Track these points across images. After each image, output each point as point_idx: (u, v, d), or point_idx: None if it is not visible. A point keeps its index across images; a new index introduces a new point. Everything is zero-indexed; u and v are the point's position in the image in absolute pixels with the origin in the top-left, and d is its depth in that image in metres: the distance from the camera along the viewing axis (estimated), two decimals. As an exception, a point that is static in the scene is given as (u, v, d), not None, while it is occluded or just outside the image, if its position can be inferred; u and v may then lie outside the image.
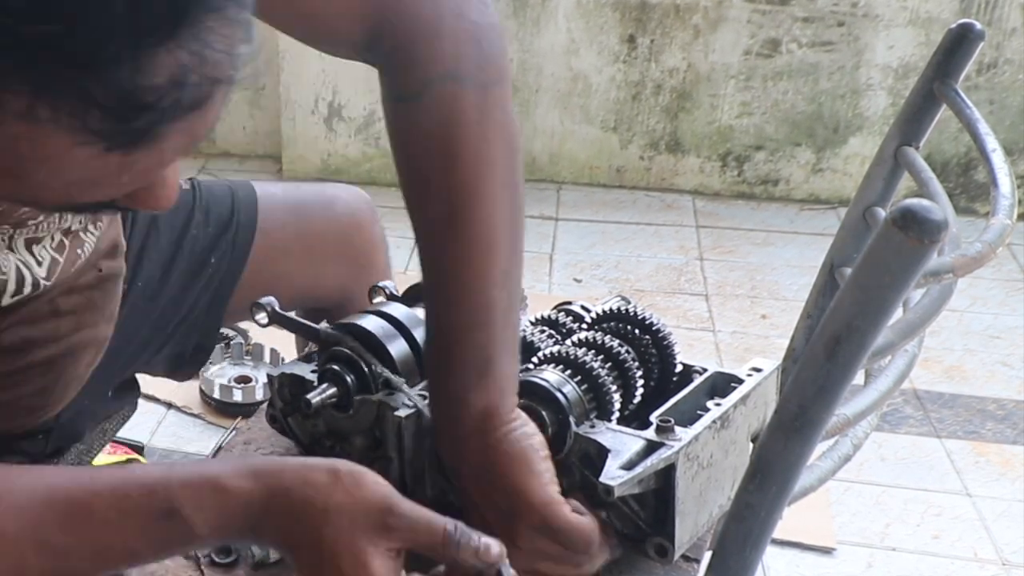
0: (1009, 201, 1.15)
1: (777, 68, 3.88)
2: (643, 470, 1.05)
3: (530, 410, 1.11)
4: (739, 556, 1.06)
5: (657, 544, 1.10)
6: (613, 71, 3.97)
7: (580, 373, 1.15)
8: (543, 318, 1.33)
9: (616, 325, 1.25)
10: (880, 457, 2.66)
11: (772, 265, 3.61)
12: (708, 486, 1.12)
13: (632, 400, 1.21)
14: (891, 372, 1.19)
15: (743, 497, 1.04)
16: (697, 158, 4.05)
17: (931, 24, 3.73)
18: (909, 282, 0.87)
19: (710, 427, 1.11)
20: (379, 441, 1.23)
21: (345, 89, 3.98)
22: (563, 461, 1.12)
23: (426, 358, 1.15)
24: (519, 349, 1.11)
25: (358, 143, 4.05)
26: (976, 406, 2.88)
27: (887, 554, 2.38)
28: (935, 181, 1.33)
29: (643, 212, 3.96)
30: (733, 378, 1.21)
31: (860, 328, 0.90)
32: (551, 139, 4.09)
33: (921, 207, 0.84)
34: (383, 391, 1.21)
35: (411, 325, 1.24)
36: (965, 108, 1.33)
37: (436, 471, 1.21)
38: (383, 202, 1.70)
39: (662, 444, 1.08)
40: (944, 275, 1.00)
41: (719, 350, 3.09)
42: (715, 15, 3.84)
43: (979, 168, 3.81)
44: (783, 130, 3.96)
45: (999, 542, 2.41)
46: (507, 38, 3.87)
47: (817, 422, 0.97)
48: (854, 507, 2.51)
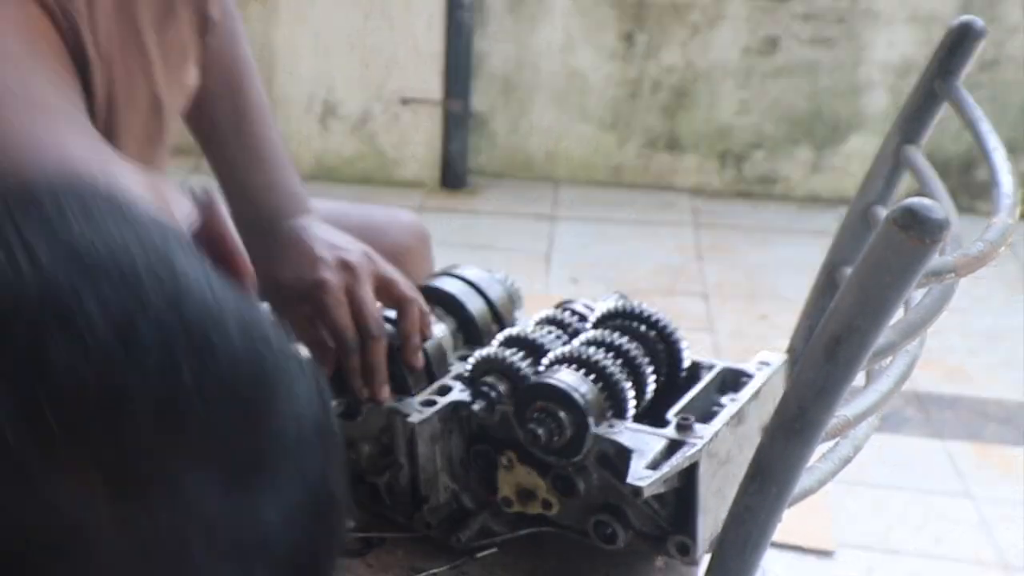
0: (1011, 200, 1.14)
1: (776, 66, 3.87)
2: (669, 469, 1.06)
3: (547, 411, 1.11)
4: (738, 559, 1.05)
5: (679, 542, 1.11)
6: (610, 69, 3.95)
7: (594, 372, 1.15)
8: (547, 318, 1.32)
9: (622, 322, 1.25)
10: (881, 459, 2.63)
11: (771, 265, 3.60)
12: (726, 482, 1.12)
13: (644, 398, 1.20)
14: (892, 373, 1.17)
15: (742, 499, 1.03)
16: (695, 157, 4.04)
17: (932, 21, 3.72)
18: (910, 282, 0.86)
19: (728, 423, 1.12)
20: (388, 448, 1.23)
21: (339, 87, 3.97)
22: (579, 462, 1.12)
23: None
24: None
25: (352, 141, 4.04)
26: (978, 407, 2.87)
27: (888, 557, 2.36)
28: (936, 180, 1.32)
29: (641, 211, 3.95)
30: (743, 373, 1.21)
31: (860, 328, 0.89)
32: (547, 137, 4.08)
33: (922, 206, 0.83)
34: (392, 397, 1.21)
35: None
36: (967, 106, 1.32)
37: (448, 476, 1.22)
38: (378, 201, 1.69)
39: (684, 442, 1.08)
40: (946, 275, 0.98)
41: (718, 351, 3.08)
42: (713, 12, 3.83)
43: (981, 167, 3.79)
44: (782, 128, 3.95)
45: (1001, 545, 2.39)
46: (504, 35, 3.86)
47: (817, 423, 0.96)
48: (854, 509, 2.49)
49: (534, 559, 1.24)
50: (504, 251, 3.64)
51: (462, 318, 1.34)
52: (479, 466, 1.23)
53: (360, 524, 1.28)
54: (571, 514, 1.18)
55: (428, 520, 1.24)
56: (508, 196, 4.04)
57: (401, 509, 1.26)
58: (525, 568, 1.23)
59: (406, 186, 4.04)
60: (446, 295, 1.34)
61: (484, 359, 1.21)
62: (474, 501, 1.25)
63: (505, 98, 4.06)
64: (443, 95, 3.92)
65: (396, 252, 1.58)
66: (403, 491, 1.24)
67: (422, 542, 1.25)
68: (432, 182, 4.05)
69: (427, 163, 4.03)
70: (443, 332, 1.31)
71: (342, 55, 3.92)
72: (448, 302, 1.34)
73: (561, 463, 1.15)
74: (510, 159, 4.15)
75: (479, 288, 1.36)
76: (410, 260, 1.58)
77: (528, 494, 1.19)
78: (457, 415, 1.22)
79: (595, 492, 1.15)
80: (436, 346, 1.27)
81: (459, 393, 1.23)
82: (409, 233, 1.61)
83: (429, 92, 3.93)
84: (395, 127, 3.99)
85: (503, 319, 1.36)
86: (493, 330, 1.34)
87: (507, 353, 1.20)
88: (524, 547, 1.24)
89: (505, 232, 3.78)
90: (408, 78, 3.92)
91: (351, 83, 3.95)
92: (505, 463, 1.19)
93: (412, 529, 1.25)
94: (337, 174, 4.00)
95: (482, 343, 1.32)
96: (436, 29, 3.83)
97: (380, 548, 1.25)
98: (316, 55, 3.92)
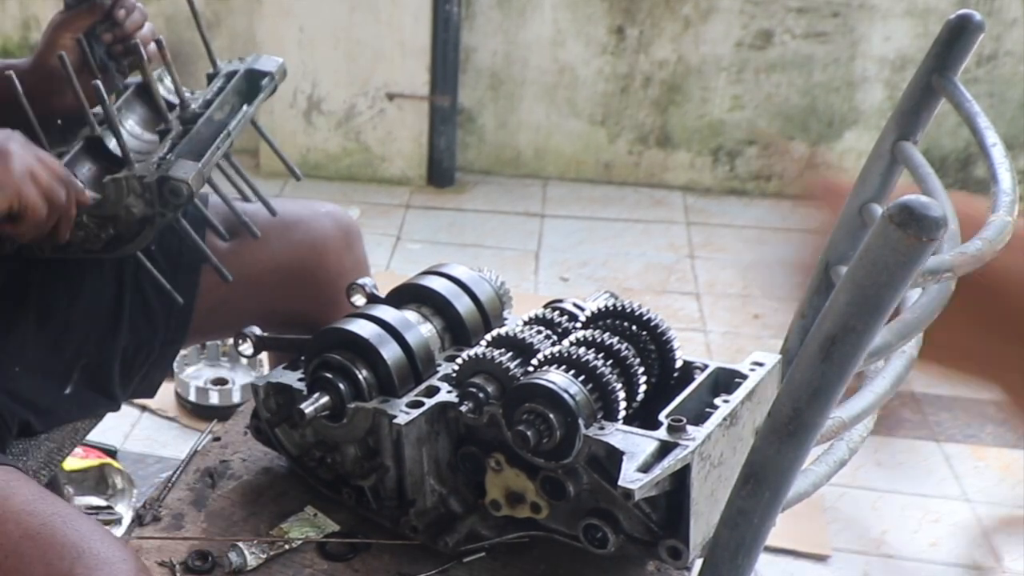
0: (1010, 197, 1.13)
1: (770, 60, 3.86)
2: (661, 472, 1.05)
3: (537, 413, 1.10)
4: (731, 564, 1.04)
5: (671, 547, 1.10)
6: (601, 63, 3.94)
7: (584, 373, 1.14)
8: (536, 317, 1.32)
9: (613, 322, 1.24)
10: (876, 461, 2.62)
11: (765, 263, 3.58)
12: (719, 485, 1.12)
13: (635, 399, 1.20)
14: (888, 374, 1.17)
15: (735, 503, 1.02)
16: (687, 153, 4.02)
17: (929, 15, 3.71)
18: (906, 281, 0.85)
19: (721, 425, 1.11)
20: (373, 451, 1.23)
21: (324, 82, 3.95)
22: (569, 465, 1.11)
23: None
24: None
25: (337, 137, 4.01)
26: (975, 409, 2.85)
27: (883, 562, 2.35)
28: (933, 176, 1.31)
29: (632, 208, 3.94)
30: (736, 373, 1.21)
31: (856, 328, 0.88)
32: (537, 133, 4.07)
33: (919, 203, 0.82)
34: (378, 398, 1.20)
35: (402, 328, 1.23)
36: (964, 101, 1.31)
37: (435, 479, 1.21)
38: (364, 198, 1.66)
39: (676, 444, 1.08)
40: (943, 274, 0.98)
41: (710, 351, 3.07)
42: (706, 5, 3.82)
43: (979, 163, 3.79)
44: (776, 124, 3.94)
45: (999, 549, 2.37)
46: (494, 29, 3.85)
47: (812, 425, 0.95)
48: (849, 513, 2.48)
49: (523, 564, 1.23)
50: (492, 249, 3.62)
51: (449, 318, 1.33)
52: (467, 469, 1.22)
53: (346, 528, 1.27)
54: (561, 518, 1.17)
55: (415, 524, 1.23)
56: (496, 193, 4.03)
57: (387, 513, 1.26)
58: (514, 573, 1.22)
59: (392, 183, 4.01)
60: (433, 294, 1.34)
61: (472, 359, 1.20)
62: (462, 504, 1.24)
63: (493, 93, 4.05)
64: (430, 90, 3.90)
65: (313, 243, 1.57)
66: (389, 494, 1.24)
67: (409, 546, 1.24)
68: (419, 179, 4.02)
69: (414, 160, 4.01)
70: (430, 332, 1.31)
71: (327, 49, 3.90)
72: (435, 301, 1.34)
73: (550, 465, 1.14)
74: (498, 155, 4.13)
75: (467, 287, 1.35)
76: (330, 250, 1.58)
77: (517, 497, 1.18)
78: (444, 416, 1.21)
79: (585, 495, 1.14)
80: (423, 346, 1.26)
81: (446, 394, 1.22)
82: (330, 223, 1.59)
83: (416, 87, 3.91)
84: (381, 123, 3.97)
85: (491, 319, 1.35)
86: (481, 330, 1.33)
87: (496, 353, 1.19)
88: (513, 551, 1.23)
89: (493, 230, 3.77)
90: (394, 73, 3.90)
91: (336, 78, 3.93)
92: (493, 466, 1.18)
93: (398, 533, 1.25)
94: (322, 171, 3.97)
95: (470, 343, 1.31)
96: (423, 23, 3.80)
97: (366, 552, 1.24)
98: (300, 49, 3.89)
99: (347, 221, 1.62)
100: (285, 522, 1.27)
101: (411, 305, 1.32)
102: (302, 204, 1.62)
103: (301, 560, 1.23)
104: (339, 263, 1.57)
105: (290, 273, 1.55)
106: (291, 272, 1.55)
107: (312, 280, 1.55)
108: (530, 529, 1.20)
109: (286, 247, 1.55)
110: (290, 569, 1.22)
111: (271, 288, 1.54)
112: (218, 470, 1.37)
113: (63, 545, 1.03)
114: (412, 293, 1.34)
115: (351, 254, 1.59)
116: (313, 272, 1.56)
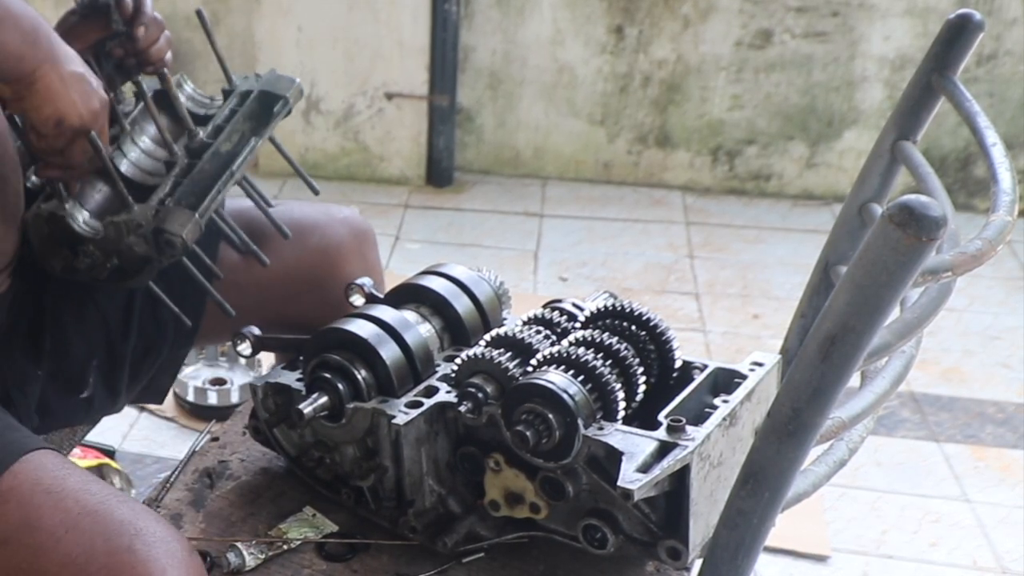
0: (1010, 197, 1.14)
1: (769, 59, 3.85)
2: (660, 472, 1.05)
3: (536, 413, 1.10)
4: (731, 564, 1.05)
5: (670, 547, 1.10)
6: (600, 62, 3.93)
7: (583, 373, 1.14)
8: (535, 317, 1.32)
9: (612, 322, 1.24)
10: (876, 462, 2.62)
11: (764, 263, 3.58)
12: (718, 485, 1.12)
13: (634, 399, 1.20)
14: (888, 374, 1.17)
15: (735, 503, 1.02)
16: (687, 152, 4.02)
17: (929, 14, 3.71)
18: (906, 281, 0.86)
19: (720, 425, 1.11)
20: (372, 451, 1.23)
21: (323, 82, 3.94)
22: (568, 465, 1.11)
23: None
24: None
25: (336, 137, 4.01)
26: (975, 409, 2.85)
27: (883, 562, 2.34)
28: (933, 176, 1.31)
29: (631, 208, 3.93)
30: (735, 373, 1.21)
31: (856, 328, 0.88)
32: (536, 133, 4.06)
33: (919, 203, 0.82)
34: (377, 399, 1.20)
35: (401, 328, 1.23)
36: (964, 101, 1.31)
37: (434, 479, 1.21)
38: (362, 198, 1.65)
39: (675, 444, 1.07)
40: (942, 273, 0.98)
41: (709, 351, 3.06)
42: (705, 4, 3.81)
43: (979, 163, 3.79)
44: (775, 124, 3.94)
45: (999, 550, 2.37)
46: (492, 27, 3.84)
47: (811, 425, 0.95)
48: (849, 513, 2.47)
49: (522, 564, 1.22)
50: (491, 249, 3.62)
51: (448, 318, 1.33)
52: (466, 469, 1.22)
53: (344, 528, 1.27)
54: (560, 518, 1.17)
55: (414, 524, 1.23)
56: (495, 193, 4.02)
57: (386, 513, 1.25)
58: (513, 573, 1.22)
59: (391, 183, 4.01)
60: (432, 294, 1.33)
61: (471, 360, 1.19)
62: (461, 505, 1.24)
63: (492, 93, 4.04)
64: (429, 90, 3.90)
65: (327, 250, 1.55)
66: (388, 495, 1.24)
67: (407, 547, 1.24)
68: (417, 179, 4.02)
69: (412, 159, 4.00)
70: (429, 332, 1.31)
71: (325, 48, 3.89)
72: (434, 301, 1.33)
73: (550, 466, 1.14)
74: (497, 155, 4.13)
75: (466, 287, 1.35)
76: (344, 257, 1.56)
77: (516, 498, 1.18)
78: (443, 417, 1.21)
79: (584, 495, 1.14)
80: (422, 346, 1.26)
81: (445, 394, 1.21)
82: (345, 229, 1.58)
83: (414, 87, 3.90)
84: (380, 122, 3.96)
85: (490, 319, 1.35)
86: (480, 330, 1.33)
87: (495, 353, 1.19)
88: (512, 552, 1.23)
89: (492, 230, 3.76)
90: (393, 72, 3.90)
91: (335, 77, 3.92)
92: (492, 466, 1.18)
93: (397, 534, 1.24)
94: (320, 170, 3.96)
95: (469, 343, 1.31)
96: (422, 22, 3.80)
97: (365, 553, 1.24)
98: (299, 48, 3.88)
99: (363, 227, 1.60)
100: (284, 522, 1.27)
101: (410, 305, 1.32)
102: (319, 209, 1.60)
103: (300, 560, 1.23)
104: (351, 270, 1.55)
105: (302, 280, 1.53)
106: (303, 279, 1.54)
107: (324, 287, 1.53)
108: (529, 529, 1.19)
109: (300, 253, 1.53)
110: (289, 569, 1.21)
111: (283, 294, 1.53)
112: (216, 470, 1.37)
113: (121, 523, 1.05)
114: (411, 293, 1.34)
115: (364, 261, 1.58)
116: (325, 279, 1.54)
